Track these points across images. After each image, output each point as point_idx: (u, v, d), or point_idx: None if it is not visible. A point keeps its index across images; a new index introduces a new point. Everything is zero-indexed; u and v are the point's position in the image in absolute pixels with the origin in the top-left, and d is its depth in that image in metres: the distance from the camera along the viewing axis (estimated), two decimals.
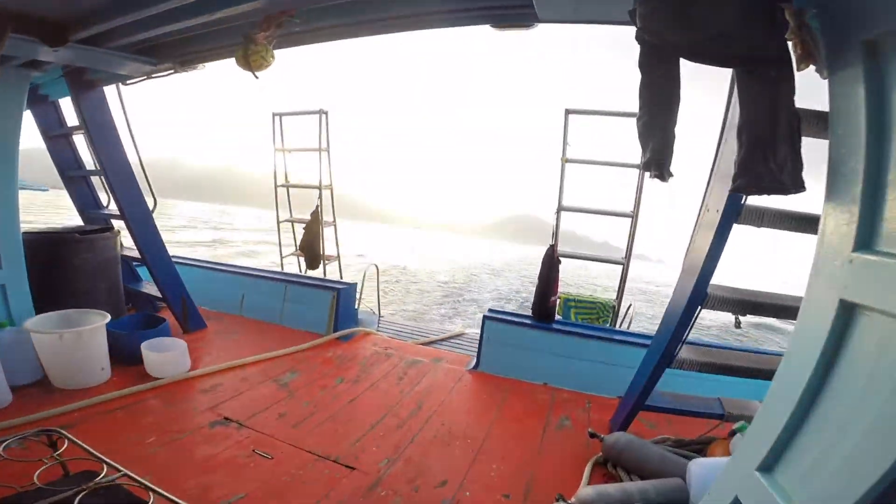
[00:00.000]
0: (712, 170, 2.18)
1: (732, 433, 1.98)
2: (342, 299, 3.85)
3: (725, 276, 1.97)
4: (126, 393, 2.56)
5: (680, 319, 2.00)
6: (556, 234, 3.82)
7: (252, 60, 2.02)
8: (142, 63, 2.55)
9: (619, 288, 4.20)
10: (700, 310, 1.97)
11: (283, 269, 5.48)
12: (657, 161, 1.38)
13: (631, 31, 1.36)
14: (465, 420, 2.68)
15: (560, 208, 4.16)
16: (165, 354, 2.87)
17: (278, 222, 5.80)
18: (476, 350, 3.65)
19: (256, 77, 2.10)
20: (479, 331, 3.59)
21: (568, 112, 4.01)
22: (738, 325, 1.91)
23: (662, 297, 23.27)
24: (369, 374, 3.21)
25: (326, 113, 5.03)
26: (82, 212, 3.70)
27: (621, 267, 4.18)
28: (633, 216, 4.04)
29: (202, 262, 4.71)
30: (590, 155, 4.13)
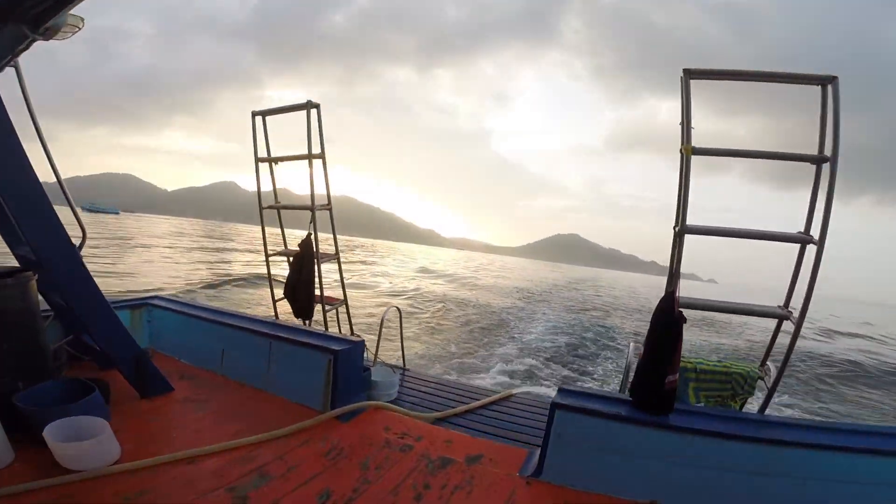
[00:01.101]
0: None
1: None
2: (342, 364, 2.71)
3: None
4: (10, 492, 1.71)
5: None
6: (674, 275, 2.21)
7: None
8: None
9: (783, 353, 2.32)
10: None
11: (276, 316, 4.31)
12: None
13: None
14: None
15: (683, 230, 2.31)
16: (75, 445, 1.95)
17: (267, 256, 4.38)
18: (534, 435, 2.48)
19: None
20: (529, 387, 2.39)
21: (689, 74, 2.29)
22: None
23: (733, 326, 20.28)
24: (372, 485, 2.06)
25: (317, 106, 3.72)
26: (12, 250, 2.86)
27: (779, 322, 2.39)
28: (819, 242, 2.22)
29: (180, 303, 3.77)
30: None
